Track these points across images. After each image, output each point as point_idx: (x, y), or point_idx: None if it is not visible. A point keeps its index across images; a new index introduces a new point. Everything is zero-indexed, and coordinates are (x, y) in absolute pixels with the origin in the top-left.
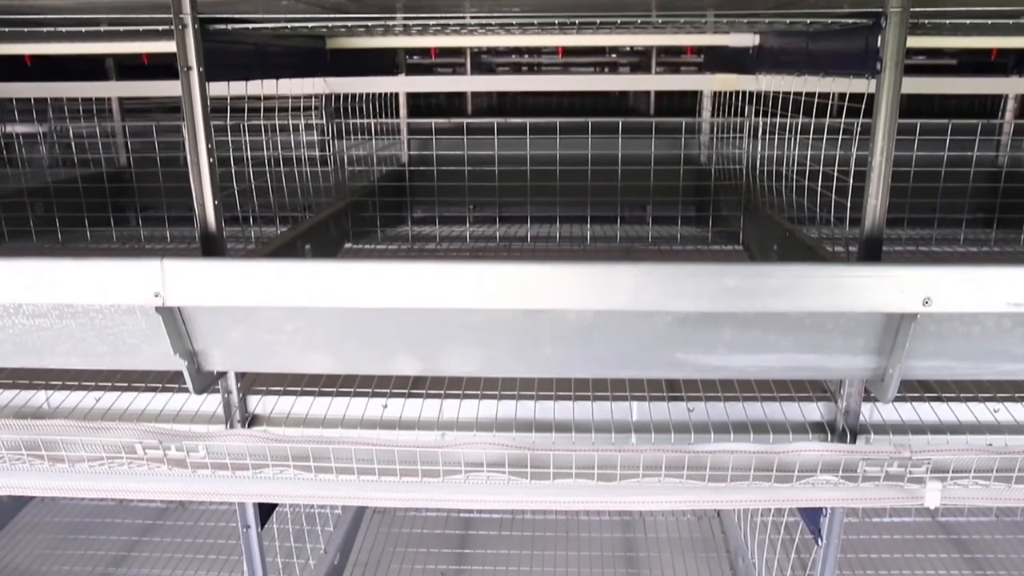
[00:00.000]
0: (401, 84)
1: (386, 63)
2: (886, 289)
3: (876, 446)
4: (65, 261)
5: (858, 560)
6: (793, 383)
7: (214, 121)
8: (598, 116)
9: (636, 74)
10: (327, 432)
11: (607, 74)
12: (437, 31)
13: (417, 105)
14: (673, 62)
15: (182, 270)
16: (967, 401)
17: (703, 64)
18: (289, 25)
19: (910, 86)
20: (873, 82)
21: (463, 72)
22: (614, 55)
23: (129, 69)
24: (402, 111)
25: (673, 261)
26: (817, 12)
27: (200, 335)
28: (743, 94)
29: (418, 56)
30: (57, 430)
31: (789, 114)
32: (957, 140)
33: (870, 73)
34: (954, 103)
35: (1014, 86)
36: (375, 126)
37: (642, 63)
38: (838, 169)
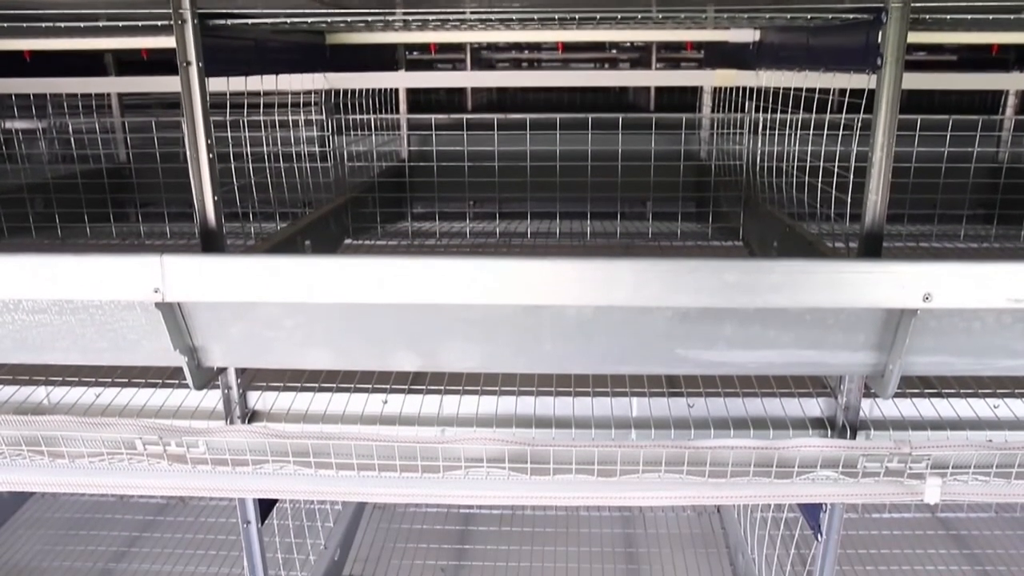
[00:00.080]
0: (401, 80)
1: (386, 59)
2: (886, 285)
3: (876, 442)
4: (65, 257)
5: (858, 556)
6: (793, 379)
7: (214, 117)
8: (598, 112)
9: (636, 70)
10: (327, 428)
11: (607, 70)
12: (437, 26)
13: (417, 101)
14: (673, 58)
15: (182, 266)
16: (967, 397)
17: (703, 60)
18: (289, 20)
19: (911, 82)
20: (874, 78)
21: (463, 68)
22: (614, 51)
23: (128, 65)
24: (402, 107)
25: (673, 257)
26: (818, 7)
27: (200, 331)
28: (743, 90)
29: (418, 52)
30: (57, 426)
31: (789, 110)
32: (957, 136)
33: (871, 69)
34: (954, 99)
35: (1015, 82)
36: (375, 122)
37: (642, 59)
38: (838, 165)
